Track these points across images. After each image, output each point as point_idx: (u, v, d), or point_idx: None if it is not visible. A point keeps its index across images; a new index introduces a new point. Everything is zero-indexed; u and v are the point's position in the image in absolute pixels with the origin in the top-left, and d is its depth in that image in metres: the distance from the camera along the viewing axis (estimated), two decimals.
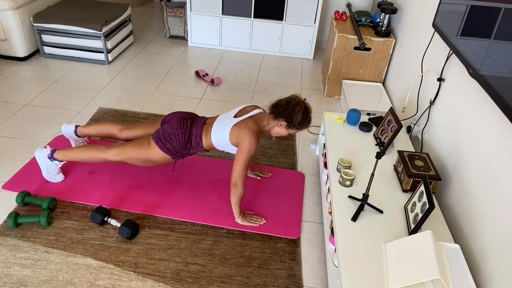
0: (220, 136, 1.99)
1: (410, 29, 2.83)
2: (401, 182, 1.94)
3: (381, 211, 1.76)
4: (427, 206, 1.56)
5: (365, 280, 1.45)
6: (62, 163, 2.18)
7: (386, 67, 3.25)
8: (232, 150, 2.02)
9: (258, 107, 2.11)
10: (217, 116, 2.11)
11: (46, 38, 3.57)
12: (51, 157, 2.14)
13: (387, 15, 3.12)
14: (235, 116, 2.03)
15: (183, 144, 2.03)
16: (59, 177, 2.22)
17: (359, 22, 3.34)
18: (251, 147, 1.91)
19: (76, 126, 2.34)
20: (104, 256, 1.85)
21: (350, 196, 1.84)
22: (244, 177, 1.95)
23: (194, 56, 4.01)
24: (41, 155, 2.14)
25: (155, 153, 2.04)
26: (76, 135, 2.35)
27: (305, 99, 1.99)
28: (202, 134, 2.04)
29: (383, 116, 2.53)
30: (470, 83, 1.85)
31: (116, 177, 2.31)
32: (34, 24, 3.47)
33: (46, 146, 2.18)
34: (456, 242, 1.75)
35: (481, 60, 1.60)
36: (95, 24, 3.41)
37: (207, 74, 3.51)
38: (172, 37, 4.40)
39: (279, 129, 2.00)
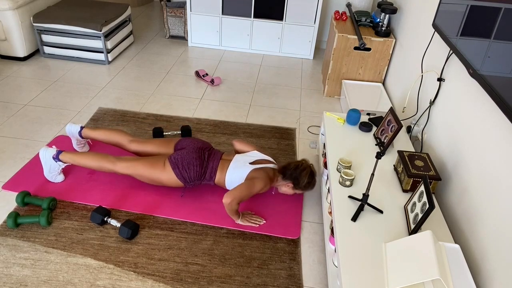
0: (239, 174, 2.08)
1: (410, 29, 2.83)
2: (401, 182, 1.94)
3: (381, 211, 1.76)
4: (427, 206, 1.56)
5: (365, 280, 1.45)
6: (66, 164, 2.18)
7: (386, 67, 3.25)
8: None
9: (273, 162, 2.22)
10: (235, 155, 2.19)
11: (46, 38, 3.57)
12: (56, 158, 2.14)
13: (387, 15, 3.12)
14: (250, 163, 2.13)
15: (199, 175, 2.10)
16: (60, 178, 2.22)
17: (359, 22, 3.34)
18: (262, 188, 2.03)
19: (82, 128, 2.34)
20: (104, 256, 1.85)
21: (350, 196, 1.84)
22: (239, 202, 1.96)
23: (194, 56, 4.02)
24: (46, 155, 2.14)
25: (168, 177, 2.08)
26: (80, 136, 2.34)
27: (311, 164, 2.16)
28: (217, 170, 2.12)
29: (383, 116, 2.53)
30: (470, 83, 1.85)
31: (116, 177, 2.31)
32: (34, 24, 3.47)
33: (53, 146, 2.17)
34: (456, 242, 1.75)
35: (481, 60, 1.60)
36: (95, 24, 3.41)
37: (207, 74, 3.51)
38: (172, 37, 4.40)
39: (286, 188, 2.15)
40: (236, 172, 2.09)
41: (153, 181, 2.12)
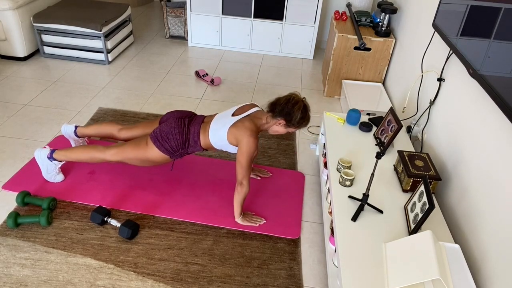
0: (218, 136, 1.99)
1: (410, 29, 2.83)
2: (401, 182, 1.94)
3: (381, 211, 1.76)
4: (427, 206, 1.56)
5: (365, 280, 1.45)
6: (62, 163, 2.18)
7: (386, 67, 3.25)
8: (231, 149, 2.02)
9: (256, 106, 2.10)
10: (215, 114, 2.10)
11: (46, 38, 3.57)
12: (51, 157, 2.14)
13: (387, 15, 3.12)
14: (233, 115, 2.02)
15: (181, 143, 2.03)
16: (59, 177, 2.22)
17: (359, 22, 3.34)
18: (251, 147, 1.91)
19: (76, 127, 2.34)
20: (104, 256, 1.85)
21: (350, 196, 1.84)
22: (249, 175, 1.94)
23: (194, 56, 4.02)
24: (41, 155, 2.14)
25: (153, 153, 2.04)
26: (76, 135, 2.35)
27: (304, 97, 1.98)
28: (200, 133, 2.03)
29: (383, 116, 2.53)
30: (470, 83, 1.85)
31: (116, 177, 2.31)
32: (34, 24, 3.47)
33: (46, 146, 2.18)
34: (456, 242, 1.75)
35: (481, 60, 1.60)
36: (95, 24, 3.41)
37: (207, 74, 3.51)
38: (172, 37, 4.40)
39: (277, 127, 1.99)
40: (217, 132, 1.99)
41: (142, 161, 2.09)
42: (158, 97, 3.21)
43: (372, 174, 1.67)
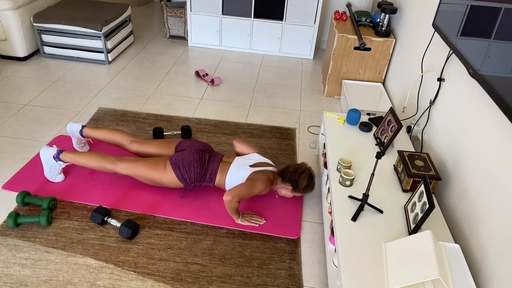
0: (239, 176, 2.09)
1: (410, 29, 2.83)
2: (401, 182, 1.94)
3: (381, 211, 1.76)
4: (427, 206, 1.56)
5: (365, 280, 1.45)
6: (66, 164, 2.18)
7: (386, 67, 3.25)
8: None
9: (273, 165, 2.22)
10: (235, 158, 2.20)
11: (46, 38, 3.57)
12: (57, 158, 2.14)
13: (387, 15, 3.12)
14: (251, 166, 2.14)
15: (199, 176, 2.11)
16: (60, 177, 2.22)
17: (359, 22, 3.34)
18: (262, 189, 2.05)
19: (83, 126, 2.34)
20: (104, 256, 1.85)
21: (350, 196, 1.84)
22: (240, 200, 1.98)
23: (194, 56, 4.02)
24: (47, 154, 2.14)
25: (169, 178, 2.08)
26: (81, 135, 2.35)
27: (310, 167, 2.16)
28: (218, 172, 2.13)
29: (383, 116, 2.53)
30: (470, 83, 1.85)
31: (116, 177, 2.31)
32: (34, 24, 3.47)
33: (53, 146, 2.18)
34: (456, 242, 1.75)
35: (481, 60, 1.60)
36: (95, 24, 3.41)
37: (207, 74, 3.51)
38: (172, 37, 4.40)
39: (285, 191, 2.16)
40: (236, 174, 2.10)
41: (153, 182, 2.12)
42: (158, 97, 3.21)
43: (372, 174, 1.67)
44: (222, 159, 2.19)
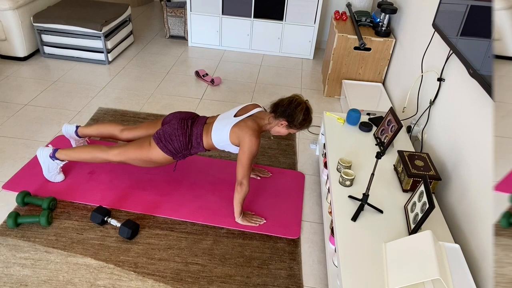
0: (221, 136, 2.00)
1: (410, 29, 2.83)
2: (401, 182, 1.94)
3: (381, 211, 1.76)
4: (427, 206, 1.56)
5: (365, 280, 1.45)
6: (64, 162, 2.18)
7: (386, 67, 3.25)
8: (233, 149, 2.02)
9: (259, 106, 2.11)
10: (218, 116, 2.11)
11: (46, 38, 3.57)
12: (53, 156, 2.14)
13: (387, 15, 3.12)
14: (235, 115, 2.03)
15: (184, 144, 2.04)
16: (60, 177, 2.22)
17: (359, 22, 3.34)
18: (253, 147, 1.92)
19: (77, 127, 2.34)
20: (104, 256, 1.85)
21: (350, 196, 1.84)
22: (249, 175, 1.95)
23: (194, 56, 4.02)
24: (43, 154, 2.14)
25: (156, 154, 2.04)
26: (77, 135, 2.35)
27: (306, 100, 1.99)
28: (202, 134, 2.04)
29: (383, 116, 2.53)
30: (470, 83, 1.85)
31: (116, 177, 2.31)
32: (34, 24, 3.47)
33: (48, 145, 2.18)
34: (456, 242, 1.75)
35: (481, 60, 1.60)
36: (95, 24, 3.41)
37: (207, 74, 3.51)
38: (172, 37, 4.40)
39: (279, 128, 2.00)
40: (220, 132, 2.00)
41: (145, 162, 2.10)
42: (158, 97, 3.21)
43: (372, 174, 1.67)
44: (206, 121, 2.10)
